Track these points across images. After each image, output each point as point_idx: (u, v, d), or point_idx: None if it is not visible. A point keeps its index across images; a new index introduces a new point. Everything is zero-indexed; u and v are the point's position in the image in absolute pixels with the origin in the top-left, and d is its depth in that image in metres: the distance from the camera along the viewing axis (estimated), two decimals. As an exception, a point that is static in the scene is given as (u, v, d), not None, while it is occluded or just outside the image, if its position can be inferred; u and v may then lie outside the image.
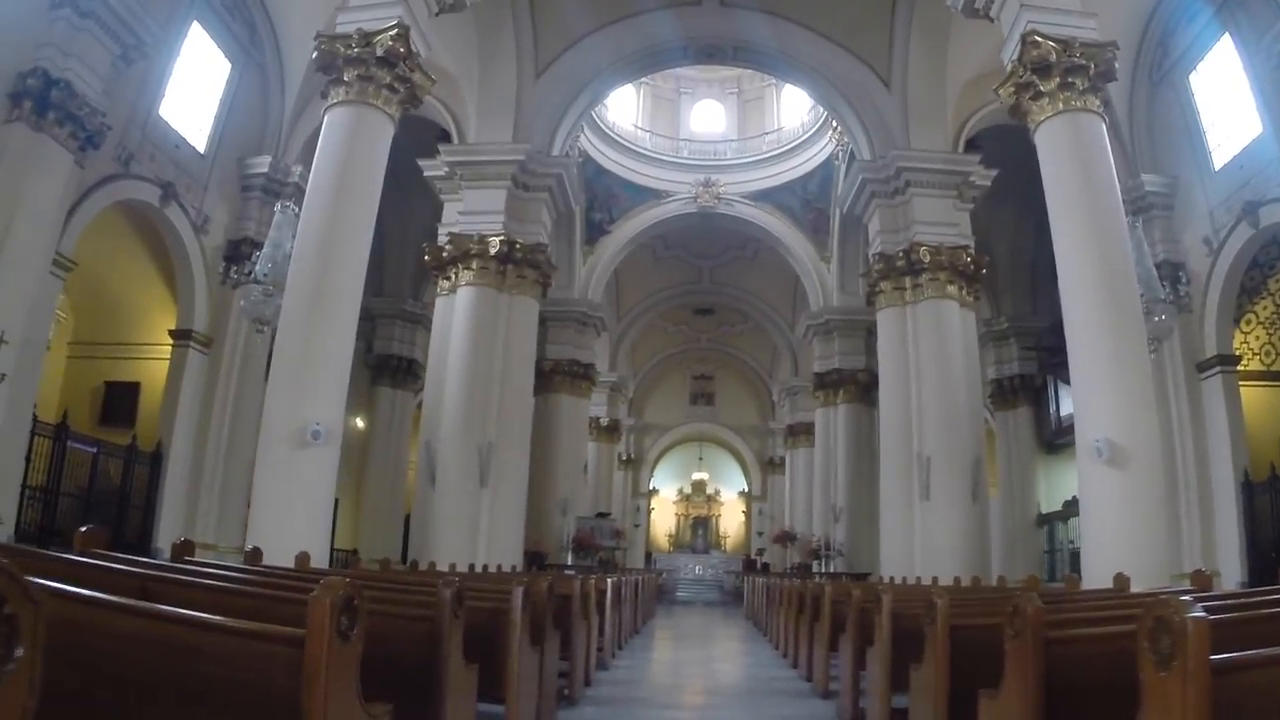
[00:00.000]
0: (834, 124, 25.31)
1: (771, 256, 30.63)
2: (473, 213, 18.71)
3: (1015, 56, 12.49)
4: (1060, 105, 11.96)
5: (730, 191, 28.69)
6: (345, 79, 12.88)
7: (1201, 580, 6.10)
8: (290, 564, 8.03)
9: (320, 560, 10.21)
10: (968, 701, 3.78)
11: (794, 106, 30.26)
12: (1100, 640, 3.11)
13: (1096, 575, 9.45)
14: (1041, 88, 12.09)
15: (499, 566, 14.78)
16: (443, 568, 13.47)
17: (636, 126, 30.25)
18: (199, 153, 16.99)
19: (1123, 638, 3.03)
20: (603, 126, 28.02)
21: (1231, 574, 14.71)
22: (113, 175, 14.67)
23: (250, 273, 15.14)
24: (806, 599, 9.65)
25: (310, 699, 2.42)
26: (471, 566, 13.92)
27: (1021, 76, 12.31)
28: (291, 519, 10.54)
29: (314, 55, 13.14)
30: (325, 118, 13.15)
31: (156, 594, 3.49)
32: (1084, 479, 10.78)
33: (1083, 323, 11.18)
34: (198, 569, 4.52)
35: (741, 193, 28.74)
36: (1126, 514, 10.09)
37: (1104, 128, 12.13)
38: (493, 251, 18.07)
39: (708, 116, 32.56)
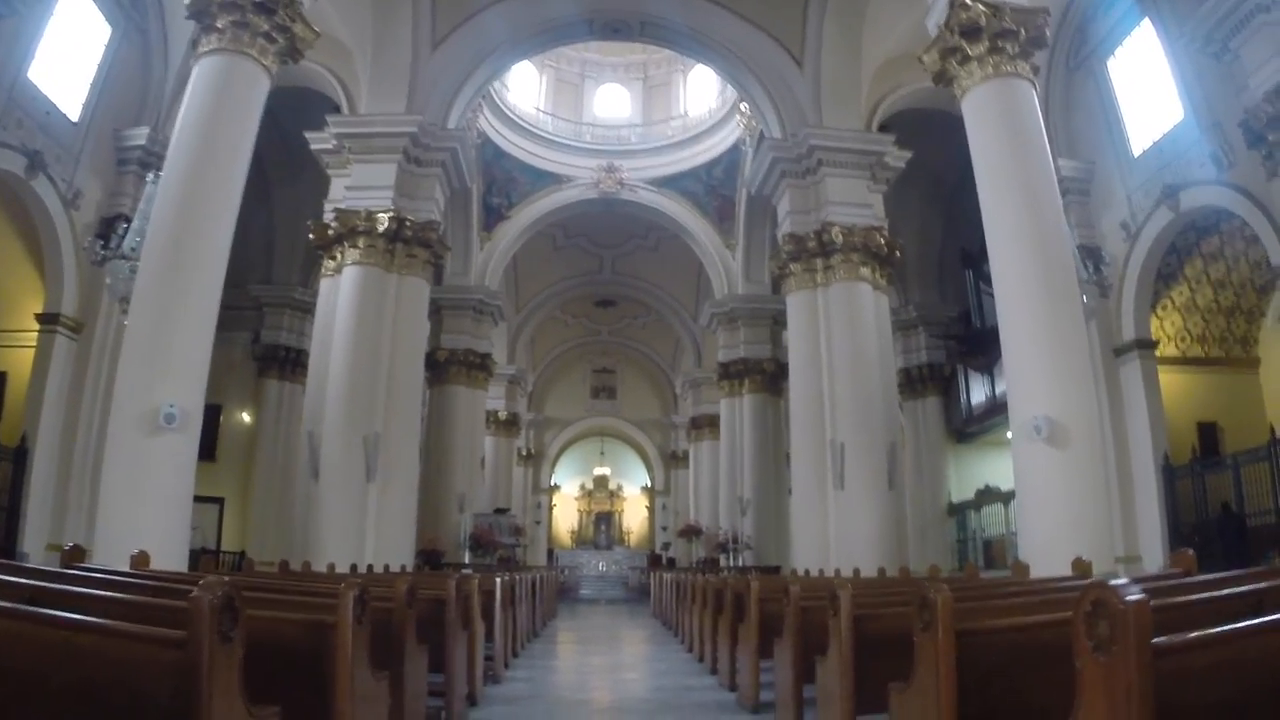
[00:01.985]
0: (742, 109, 24.74)
1: (675, 245, 29.92)
2: (361, 188, 17.34)
3: (942, 21, 11.88)
4: (990, 70, 11.36)
5: (634, 177, 27.83)
6: (218, 25, 11.54)
7: (1184, 562, 5.37)
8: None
9: (175, 561, 8.88)
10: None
11: (701, 92, 29.59)
12: (1222, 645, 2.22)
13: (1039, 563, 8.77)
14: (970, 52, 11.48)
15: (386, 566, 13.54)
16: (324, 569, 12.24)
17: (538, 109, 29.08)
18: (71, 121, 15.58)
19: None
20: (503, 108, 26.80)
21: (1154, 559, 14.50)
22: (-28, 141, 13.18)
23: (118, 248, 13.70)
24: (726, 597, 8.65)
25: None
26: (354, 567, 12.64)
27: (949, 40, 11.69)
28: (142, 515, 9.18)
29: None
30: (195, 69, 11.82)
31: None
32: (1020, 460, 10.13)
33: (1015, 295, 10.56)
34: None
35: (645, 179, 27.90)
36: (1070, 496, 9.46)
37: (1035, 95, 11.58)
38: (381, 229, 16.75)
39: (612, 101, 31.55)
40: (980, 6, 11.42)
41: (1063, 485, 9.55)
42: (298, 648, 3.44)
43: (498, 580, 8.88)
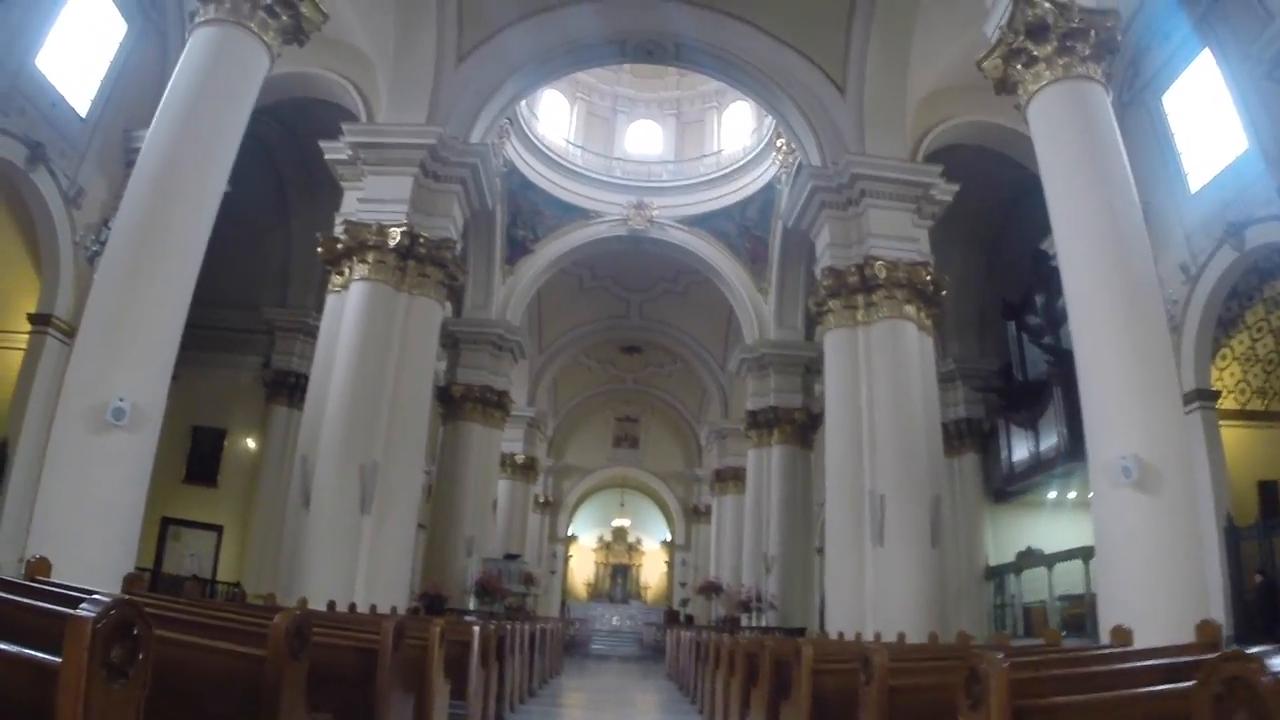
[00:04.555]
0: (778, 145, 23.75)
1: (704, 290, 28.85)
2: (374, 200, 16.32)
3: (1004, 21, 10.73)
4: (1060, 71, 10.15)
5: (664, 215, 26.75)
6: (219, -5, 10.64)
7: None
8: (76, 582, 5.55)
9: (107, 583, 7.55)
10: None
11: (735, 130, 28.73)
12: None
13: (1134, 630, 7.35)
14: (1036, 53, 10.30)
15: (373, 607, 12.22)
16: (308, 605, 10.94)
17: (568, 141, 28.24)
18: (79, 116, 14.89)
19: None
20: (531, 137, 25.96)
21: (1216, 627, 12.94)
22: (-29, 126, 12.46)
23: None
24: (762, 663, 6.91)
25: None
26: (332, 604, 11.33)
27: (1013, 42, 10.51)
28: (78, 525, 7.93)
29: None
30: (189, 40, 10.92)
31: None
32: (1103, 508, 8.64)
33: (1094, 316, 9.20)
34: None
35: (676, 217, 26.82)
36: (1166, 550, 7.99)
37: (1109, 101, 10.38)
38: (392, 244, 15.67)
39: (644, 137, 30.73)
40: (1047, 4, 10.29)
41: (1156, 537, 8.03)
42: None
43: (475, 629, 7.37)
